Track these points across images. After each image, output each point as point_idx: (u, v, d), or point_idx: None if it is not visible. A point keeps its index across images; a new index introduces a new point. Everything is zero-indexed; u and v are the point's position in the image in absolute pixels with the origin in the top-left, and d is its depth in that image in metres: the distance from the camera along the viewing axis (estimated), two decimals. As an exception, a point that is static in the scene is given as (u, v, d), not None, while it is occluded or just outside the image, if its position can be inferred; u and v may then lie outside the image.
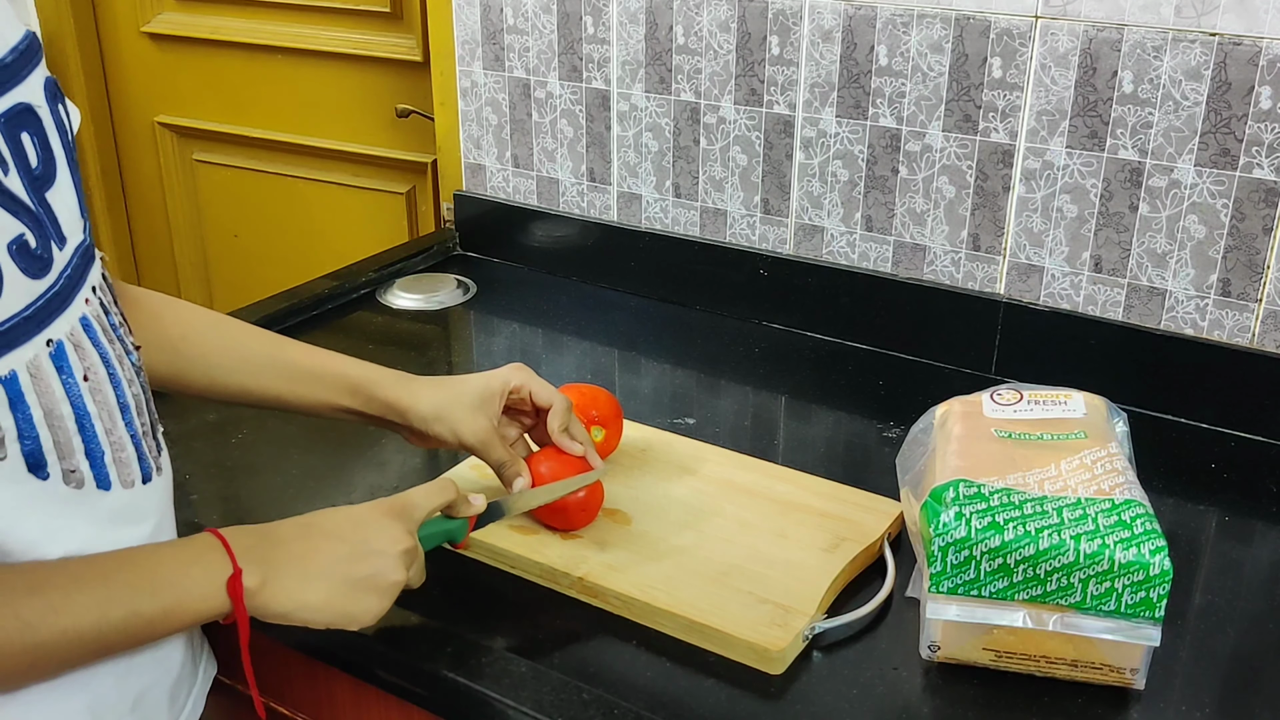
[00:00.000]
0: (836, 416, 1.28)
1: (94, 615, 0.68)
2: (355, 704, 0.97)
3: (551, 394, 1.01)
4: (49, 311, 0.69)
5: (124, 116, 2.25)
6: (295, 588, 0.76)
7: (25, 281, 0.67)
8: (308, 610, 0.77)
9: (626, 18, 1.46)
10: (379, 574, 0.80)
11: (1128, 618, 0.82)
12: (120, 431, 0.74)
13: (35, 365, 0.68)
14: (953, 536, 0.83)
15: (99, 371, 0.73)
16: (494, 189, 1.67)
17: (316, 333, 1.45)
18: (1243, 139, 1.14)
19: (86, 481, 0.71)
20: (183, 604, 0.72)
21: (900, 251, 1.37)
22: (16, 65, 0.70)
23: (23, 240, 0.67)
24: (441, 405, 0.97)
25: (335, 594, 0.78)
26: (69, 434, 0.70)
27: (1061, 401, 0.98)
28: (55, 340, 0.69)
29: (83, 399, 0.71)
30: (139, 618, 0.70)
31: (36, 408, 0.68)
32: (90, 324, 0.73)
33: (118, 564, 0.72)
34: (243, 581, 0.73)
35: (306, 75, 1.98)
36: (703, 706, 0.84)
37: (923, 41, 1.28)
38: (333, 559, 0.78)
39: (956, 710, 0.84)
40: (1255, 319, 1.19)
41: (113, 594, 0.69)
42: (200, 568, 0.73)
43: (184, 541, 0.76)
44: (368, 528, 0.81)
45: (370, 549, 0.80)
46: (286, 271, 1.97)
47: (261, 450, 1.16)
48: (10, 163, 0.67)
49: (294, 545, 0.78)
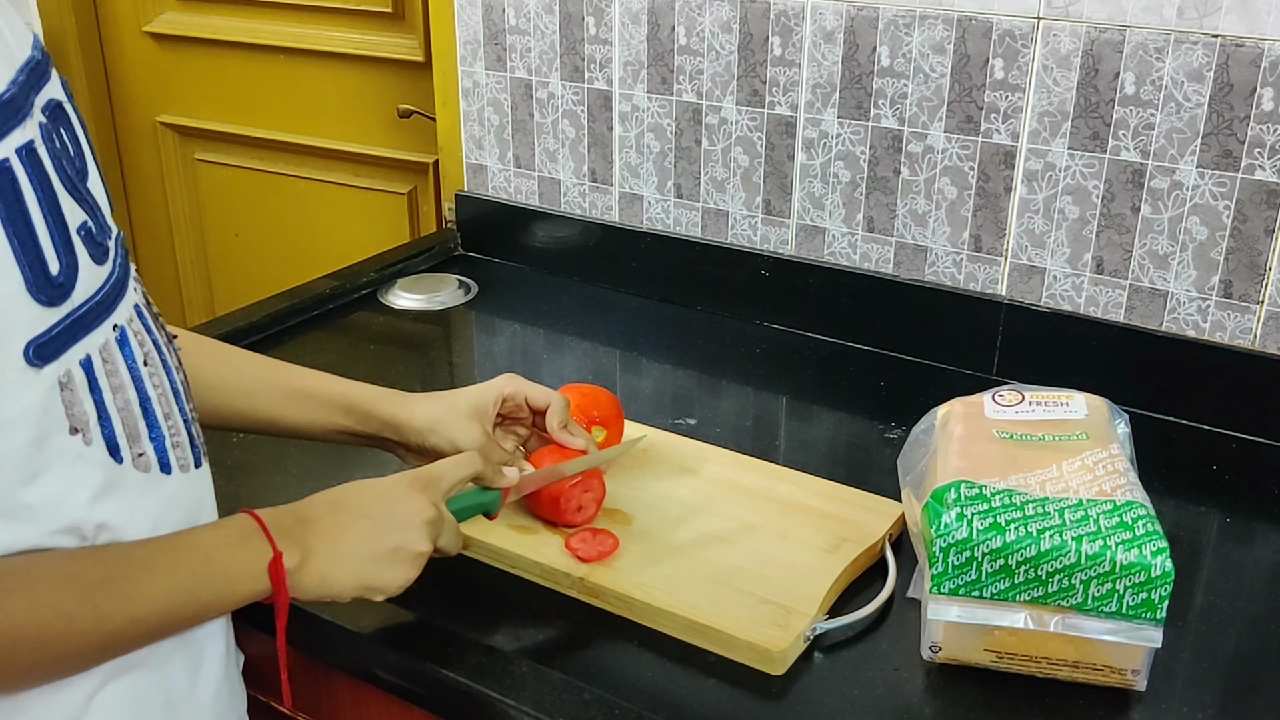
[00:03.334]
0: (838, 417, 1.28)
1: (163, 603, 0.71)
2: (355, 704, 0.97)
3: (547, 394, 1.02)
4: (113, 297, 0.71)
5: (125, 116, 2.25)
6: (327, 566, 0.79)
7: (94, 267, 0.68)
8: (338, 586, 0.80)
9: (628, 18, 1.46)
10: (404, 545, 0.82)
11: (1129, 619, 0.82)
12: (176, 416, 0.76)
13: (107, 350, 0.69)
14: (954, 537, 0.83)
15: (155, 357, 0.74)
16: (495, 189, 1.67)
17: (317, 333, 1.45)
18: (1245, 141, 1.14)
19: (152, 465, 0.73)
20: (231, 587, 0.75)
21: (902, 252, 1.37)
22: (44, 63, 0.71)
23: (87, 227, 0.69)
24: (436, 417, 0.97)
25: (364, 568, 0.80)
26: (135, 418, 0.71)
27: (1063, 403, 0.98)
28: (119, 326, 0.71)
29: (144, 384, 0.72)
30: (197, 602, 0.73)
31: (108, 391, 0.69)
32: (142, 311, 0.75)
33: (176, 550, 0.73)
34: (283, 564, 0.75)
35: (308, 75, 1.98)
36: (703, 707, 0.84)
37: (925, 42, 1.28)
38: (359, 535, 0.81)
39: (958, 711, 0.84)
40: (1257, 321, 1.19)
41: (178, 581, 0.72)
42: (246, 552, 0.75)
43: (226, 524, 0.77)
44: (392, 501, 0.83)
45: (396, 522, 0.82)
46: (287, 271, 1.97)
47: (261, 450, 1.16)
48: (61, 154, 0.68)
49: (324, 524, 0.80)
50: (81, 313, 0.67)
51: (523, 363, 1.41)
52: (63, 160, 0.68)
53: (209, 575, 0.74)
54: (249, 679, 1.02)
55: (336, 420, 0.98)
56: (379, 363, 1.38)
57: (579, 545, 0.96)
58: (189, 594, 0.72)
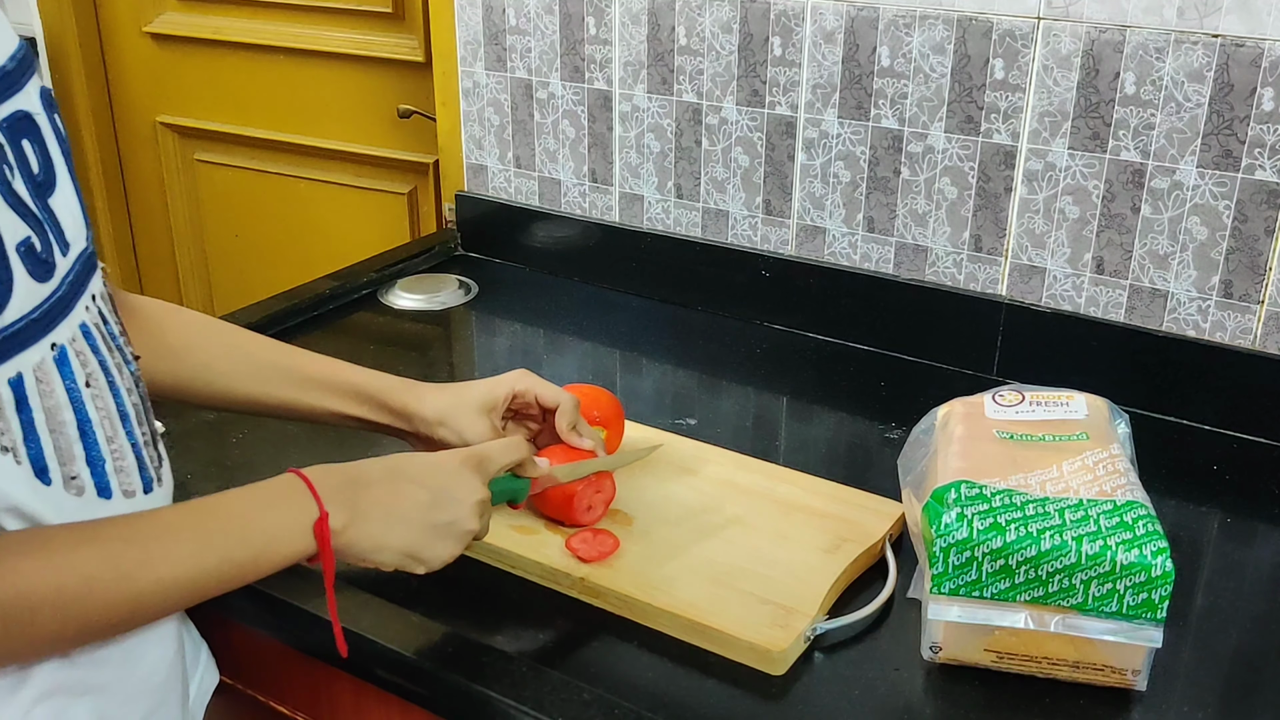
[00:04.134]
0: (838, 417, 1.28)
1: (190, 564, 0.70)
2: (355, 704, 0.97)
3: (558, 394, 1.02)
4: (53, 316, 0.69)
5: (125, 116, 2.25)
6: (378, 531, 0.79)
7: (32, 284, 0.67)
8: (388, 553, 0.80)
9: (629, 18, 1.46)
10: (457, 521, 0.83)
11: (1129, 619, 0.82)
12: (121, 440, 0.74)
13: (41, 369, 0.68)
14: (955, 537, 0.83)
15: (100, 379, 0.73)
16: (496, 189, 1.67)
17: (317, 333, 1.45)
18: (1245, 141, 1.14)
19: (87, 489, 0.71)
20: (272, 547, 0.74)
21: (902, 252, 1.37)
22: (16, 73, 0.70)
23: (29, 243, 0.67)
24: (446, 410, 0.97)
25: (415, 538, 0.81)
26: (70, 440, 0.70)
27: (1063, 403, 0.98)
28: (59, 345, 0.69)
29: (85, 405, 0.71)
30: (231, 564, 0.72)
31: (40, 411, 0.67)
32: (90, 331, 0.73)
33: (209, 511, 0.73)
34: (329, 524, 0.75)
35: (308, 75, 1.98)
36: (704, 707, 0.84)
37: (925, 43, 1.28)
38: (415, 504, 0.81)
39: (958, 711, 0.84)
40: (1257, 321, 1.19)
41: (208, 541, 0.71)
42: (287, 510, 0.75)
43: (269, 484, 0.77)
44: (449, 475, 0.84)
45: (451, 497, 0.83)
46: (287, 271, 1.97)
47: (261, 450, 1.16)
48: (15, 167, 0.67)
49: (379, 488, 0.80)
50: (14, 330, 0.65)
51: (523, 363, 1.40)
52: (14, 174, 0.67)
53: (243, 536, 0.73)
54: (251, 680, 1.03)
55: (349, 408, 0.98)
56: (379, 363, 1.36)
57: (580, 545, 0.96)
58: (221, 554, 0.71)
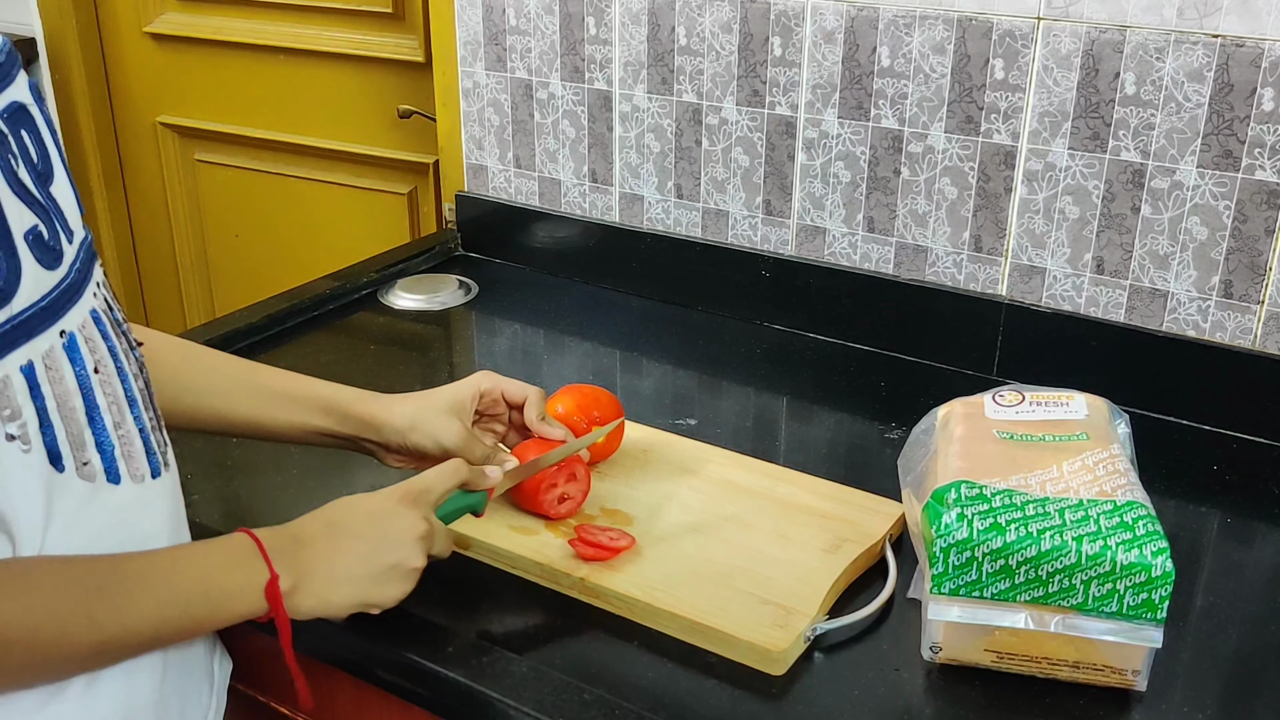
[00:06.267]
0: (838, 417, 1.28)
1: (155, 615, 0.72)
2: (355, 704, 0.97)
3: (523, 388, 1.02)
4: (62, 303, 0.70)
5: (126, 116, 2.25)
6: (323, 588, 0.80)
7: (41, 272, 0.68)
8: (335, 607, 0.81)
9: (628, 19, 1.46)
10: (400, 563, 0.83)
11: (1129, 619, 0.82)
12: (129, 425, 0.75)
13: (50, 356, 0.68)
14: (955, 538, 0.83)
15: (108, 364, 0.73)
16: (496, 190, 1.67)
17: (317, 334, 1.45)
18: (1245, 141, 1.14)
19: (98, 474, 0.72)
20: (226, 606, 0.76)
21: (902, 253, 1.37)
22: (7, 64, 0.71)
23: (37, 231, 0.68)
24: (416, 415, 0.97)
25: (360, 589, 0.82)
26: (80, 426, 0.71)
27: (1063, 403, 0.98)
28: (68, 332, 0.70)
29: (93, 391, 0.72)
30: (190, 618, 0.74)
31: (51, 399, 0.68)
32: (99, 317, 0.74)
33: (172, 565, 0.75)
34: (279, 585, 0.76)
35: (308, 76, 1.98)
36: (704, 707, 0.84)
37: (925, 43, 1.28)
38: (357, 557, 0.82)
39: (958, 711, 0.84)
40: (1257, 321, 1.19)
41: (172, 596, 0.73)
42: (243, 573, 0.76)
43: (224, 543, 0.78)
44: (387, 519, 0.84)
45: (392, 541, 0.83)
46: (287, 271, 1.97)
47: (261, 450, 1.16)
48: (19, 156, 0.68)
49: (320, 546, 0.81)
50: (24, 318, 0.66)
51: (523, 363, 1.41)
52: (19, 163, 0.68)
53: (204, 592, 0.74)
54: (251, 681, 1.03)
55: (315, 421, 0.97)
56: (379, 363, 1.37)
57: (584, 547, 0.96)
58: (183, 609, 0.73)
